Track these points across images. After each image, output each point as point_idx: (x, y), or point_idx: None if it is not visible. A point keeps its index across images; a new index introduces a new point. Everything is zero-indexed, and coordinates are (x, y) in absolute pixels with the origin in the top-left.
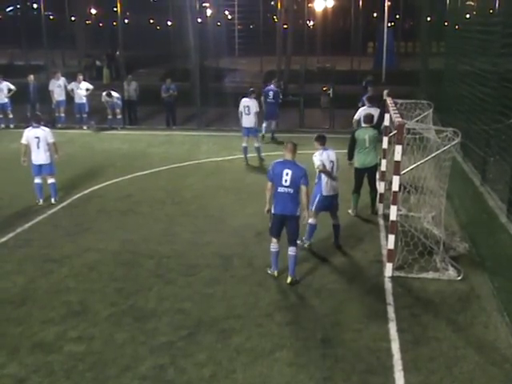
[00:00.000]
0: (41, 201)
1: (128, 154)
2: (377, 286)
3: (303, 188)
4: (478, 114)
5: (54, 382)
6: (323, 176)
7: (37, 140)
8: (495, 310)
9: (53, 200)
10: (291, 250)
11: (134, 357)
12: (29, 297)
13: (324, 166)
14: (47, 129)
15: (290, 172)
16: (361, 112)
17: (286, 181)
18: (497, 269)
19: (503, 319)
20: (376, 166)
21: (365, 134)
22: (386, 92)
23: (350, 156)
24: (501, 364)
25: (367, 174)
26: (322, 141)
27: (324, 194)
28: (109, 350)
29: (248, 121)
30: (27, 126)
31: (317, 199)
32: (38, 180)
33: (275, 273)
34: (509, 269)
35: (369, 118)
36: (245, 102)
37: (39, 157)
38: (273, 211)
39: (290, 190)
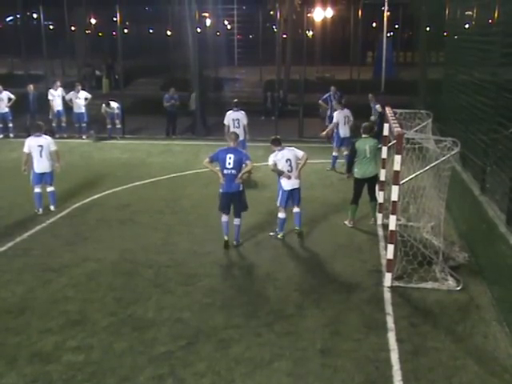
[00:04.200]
0: (40, 210)
1: (127, 163)
2: (376, 296)
3: (248, 162)
4: (477, 123)
5: None
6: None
7: (40, 148)
8: (495, 320)
9: (52, 207)
10: (236, 221)
11: (132, 367)
12: (27, 306)
13: (275, 165)
14: (49, 137)
15: (232, 156)
16: (337, 115)
17: (229, 163)
18: (496, 279)
19: (503, 329)
20: (376, 177)
21: (365, 144)
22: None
23: (349, 169)
24: (500, 374)
25: (367, 184)
26: (276, 143)
27: (285, 188)
28: (108, 360)
29: (238, 134)
30: (28, 135)
31: (280, 194)
32: (37, 189)
33: (225, 237)
34: (508, 279)
35: (367, 128)
36: (233, 115)
37: (42, 165)
38: (221, 190)
39: (233, 171)
